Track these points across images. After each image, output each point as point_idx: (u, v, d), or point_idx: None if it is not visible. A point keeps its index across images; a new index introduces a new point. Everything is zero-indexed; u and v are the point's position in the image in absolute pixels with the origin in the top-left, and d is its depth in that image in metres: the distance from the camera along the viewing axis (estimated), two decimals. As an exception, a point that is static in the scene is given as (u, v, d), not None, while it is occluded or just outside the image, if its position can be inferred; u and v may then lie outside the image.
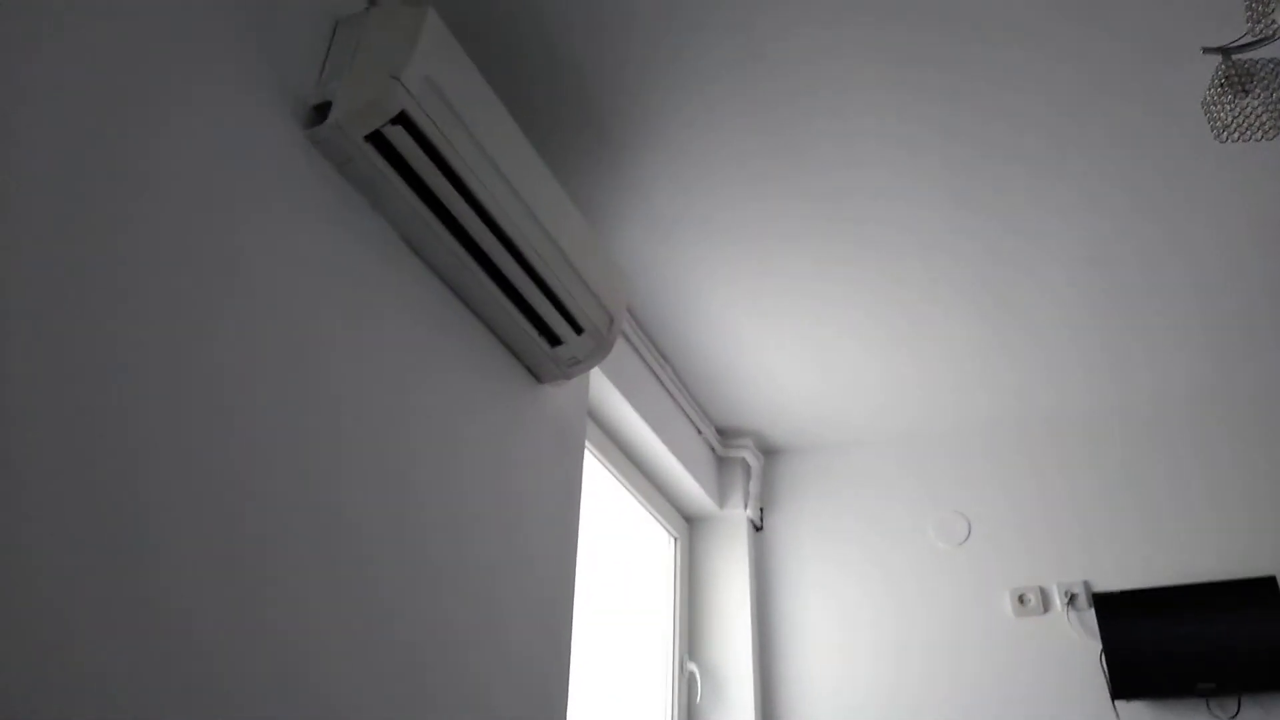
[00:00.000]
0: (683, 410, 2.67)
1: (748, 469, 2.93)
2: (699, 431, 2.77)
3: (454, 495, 1.44)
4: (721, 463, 2.94)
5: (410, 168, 1.35)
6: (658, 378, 2.52)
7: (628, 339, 2.37)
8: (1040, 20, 1.58)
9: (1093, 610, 2.49)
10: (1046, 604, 2.56)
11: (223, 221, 1.12)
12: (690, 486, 2.71)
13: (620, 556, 2.46)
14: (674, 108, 1.76)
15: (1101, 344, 2.43)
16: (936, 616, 2.65)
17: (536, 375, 1.76)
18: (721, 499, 2.90)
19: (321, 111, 1.31)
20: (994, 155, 1.84)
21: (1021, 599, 2.58)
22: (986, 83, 1.69)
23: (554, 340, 1.69)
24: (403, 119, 1.28)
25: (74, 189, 0.95)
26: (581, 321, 1.66)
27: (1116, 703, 2.38)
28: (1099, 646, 2.46)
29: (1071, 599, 2.52)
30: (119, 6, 1.05)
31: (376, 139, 1.30)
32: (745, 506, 2.87)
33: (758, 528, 2.94)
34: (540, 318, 1.64)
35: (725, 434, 2.93)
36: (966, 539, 2.70)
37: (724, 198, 1.98)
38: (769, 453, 3.05)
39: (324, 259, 1.28)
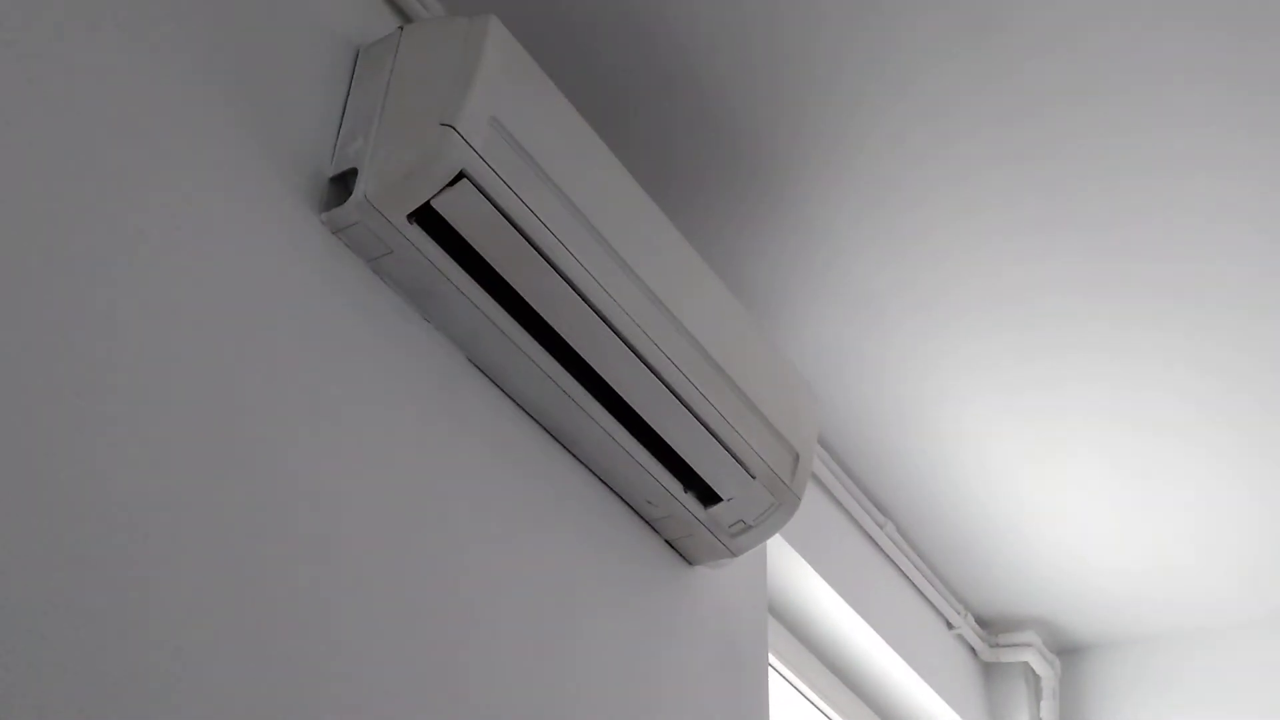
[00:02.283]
0: (919, 593, 2.64)
1: (1034, 680, 2.87)
2: (949, 625, 2.73)
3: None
4: (990, 671, 2.89)
5: (478, 255, 1.37)
6: (875, 544, 2.50)
7: (823, 486, 2.36)
8: None
9: None
10: None
11: (209, 371, 1.16)
12: (939, 714, 2.66)
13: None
14: (886, 113, 1.78)
15: None
16: None
17: (684, 553, 1.77)
18: (995, 730, 2.83)
19: (343, 184, 1.35)
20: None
21: None
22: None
23: (709, 497, 1.69)
24: (461, 184, 1.31)
25: None
26: (750, 465, 1.66)
27: None
28: None
29: None
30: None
31: (425, 217, 1.33)
32: (1035, 742, 2.80)
33: (1060, 774, 2.85)
34: (685, 463, 1.64)
35: (992, 626, 2.88)
36: None
37: (976, 260, 1.98)
38: (1068, 652, 2.97)
39: (352, 402, 1.30)
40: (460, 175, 1.30)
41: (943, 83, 1.71)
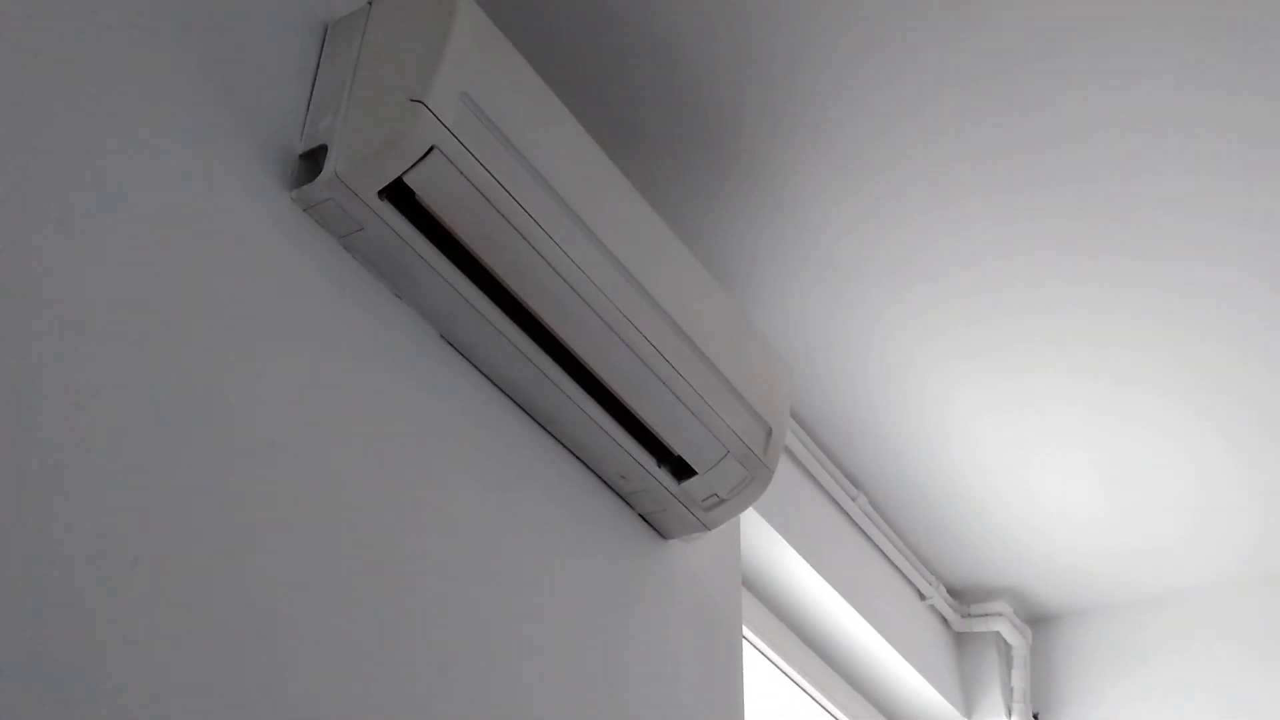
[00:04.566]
0: (892, 564, 2.66)
1: (1005, 649, 2.89)
2: (921, 596, 2.75)
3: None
4: (962, 641, 2.91)
5: (450, 231, 1.37)
6: (848, 516, 2.52)
7: (795, 459, 2.37)
8: None
9: None
10: None
11: (179, 350, 1.15)
12: (912, 683, 2.67)
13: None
14: (863, 86, 1.78)
15: None
16: None
17: (657, 527, 1.77)
18: (967, 701, 2.85)
19: (313, 161, 1.34)
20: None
21: None
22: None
23: (682, 471, 1.69)
24: (431, 160, 1.30)
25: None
26: (723, 438, 1.66)
27: None
28: None
29: None
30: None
31: (395, 193, 1.33)
32: (1009, 714, 2.81)
33: (1034, 744, 2.87)
34: (658, 438, 1.64)
35: (964, 596, 2.90)
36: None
37: (945, 220, 1.98)
38: (1039, 621, 3.00)
39: (325, 379, 1.30)
40: (431, 151, 1.29)
41: (905, 41, 1.70)
